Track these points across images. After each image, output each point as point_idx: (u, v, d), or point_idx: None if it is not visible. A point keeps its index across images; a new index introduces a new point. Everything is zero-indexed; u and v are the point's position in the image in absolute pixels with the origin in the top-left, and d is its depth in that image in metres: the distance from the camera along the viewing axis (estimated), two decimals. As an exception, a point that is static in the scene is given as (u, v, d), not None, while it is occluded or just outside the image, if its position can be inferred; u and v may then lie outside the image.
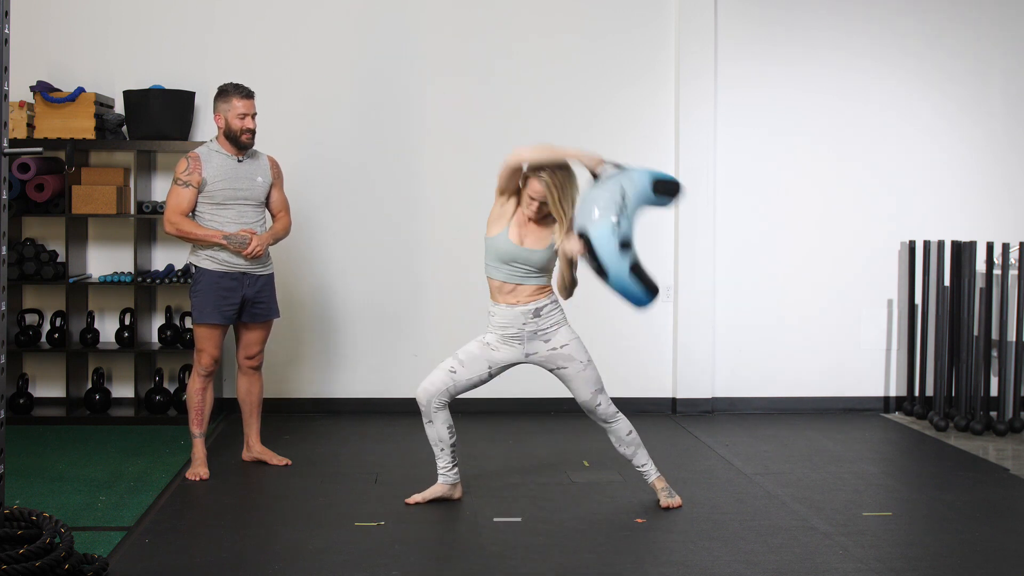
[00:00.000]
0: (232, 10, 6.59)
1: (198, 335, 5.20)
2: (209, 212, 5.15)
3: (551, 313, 4.62)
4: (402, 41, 6.64)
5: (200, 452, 5.22)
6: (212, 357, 5.20)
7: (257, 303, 5.26)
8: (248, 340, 5.34)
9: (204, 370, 5.20)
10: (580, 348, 4.65)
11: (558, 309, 4.66)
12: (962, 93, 6.89)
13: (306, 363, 6.63)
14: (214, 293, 5.14)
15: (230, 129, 5.15)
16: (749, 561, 4.07)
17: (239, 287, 5.18)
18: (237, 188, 5.16)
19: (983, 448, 5.96)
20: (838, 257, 6.86)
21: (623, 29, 6.72)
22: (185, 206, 5.12)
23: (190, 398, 5.24)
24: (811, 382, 6.86)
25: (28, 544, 3.63)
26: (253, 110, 5.19)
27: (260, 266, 5.24)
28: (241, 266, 5.17)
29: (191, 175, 5.12)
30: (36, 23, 6.48)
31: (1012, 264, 6.50)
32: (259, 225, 5.24)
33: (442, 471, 4.78)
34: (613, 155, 6.73)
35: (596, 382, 4.67)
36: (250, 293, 5.21)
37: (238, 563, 4.03)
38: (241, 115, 5.14)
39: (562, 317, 4.66)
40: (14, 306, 6.40)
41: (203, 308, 5.16)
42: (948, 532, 4.46)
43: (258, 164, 5.28)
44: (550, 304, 4.63)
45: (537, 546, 4.22)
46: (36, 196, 6.12)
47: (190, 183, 5.12)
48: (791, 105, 6.80)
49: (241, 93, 5.17)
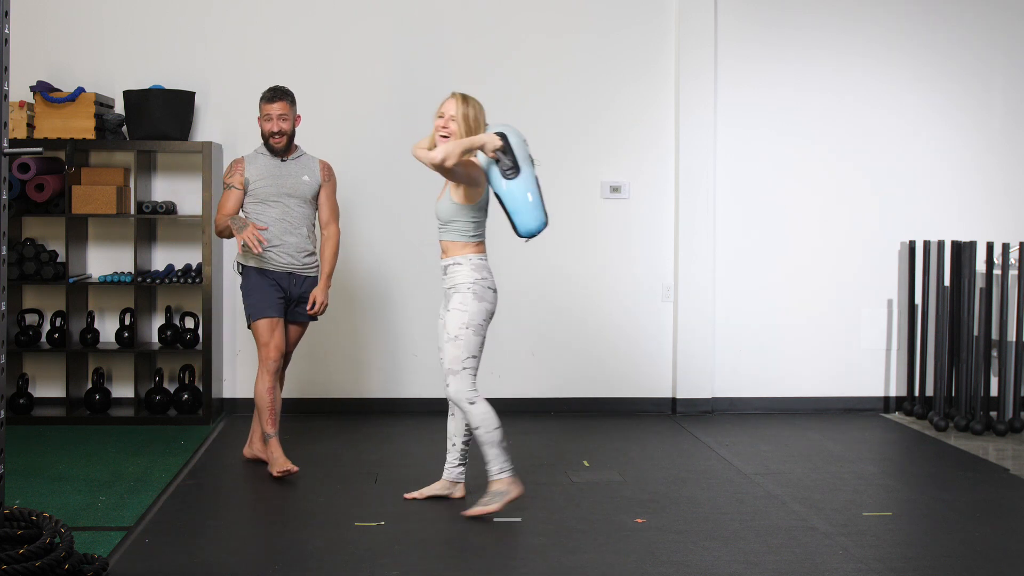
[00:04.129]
0: (232, 10, 6.59)
1: (258, 331, 5.14)
2: (255, 210, 5.17)
3: (454, 274, 4.56)
4: (400, 40, 6.65)
5: (278, 451, 5.13)
6: (279, 350, 5.14)
7: (300, 304, 5.25)
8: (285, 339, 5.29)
9: (272, 364, 5.13)
10: (456, 320, 4.50)
11: (463, 271, 4.54)
12: (962, 93, 6.89)
13: (307, 363, 6.62)
14: (266, 289, 5.13)
15: (261, 133, 5.21)
16: (749, 561, 4.07)
17: (285, 285, 5.18)
18: (280, 184, 5.17)
19: (983, 448, 5.96)
20: (838, 257, 6.86)
21: (623, 28, 6.72)
22: (229, 208, 5.15)
23: (260, 397, 5.14)
24: (811, 382, 6.86)
25: (28, 544, 3.62)
26: (280, 111, 5.15)
27: (307, 266, 5.23)
28: (288, 266, 5.17)
29: (233, 176, 5.18)
30: (36, 23, 6.48)
31: (1012, 264, 6.50)
32: (306, 227, 5.22)
33: (449, 466, 4.81)
34: (614, 154, 6.78)
35: (453, 360, 4.49)
36: (295, 293, 5.21)
37: (238, 563, 4.03)
38: (267, 117, 5.16)
39: (466, 282, 4.52)
40: (14, 306, 6.40)
41: (257, 305, 5.14)
42: (948, 532, 4.46)
43: (304, 164, 5.27)
44: (453, 264, 4.57)
45: (537, 546, 4.22)
46: (36, 196, 6.12)
47: (232, 184, 5.17)
48: (791, 105, 6.80)
49: (268, 97, 5.17)
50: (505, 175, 4.44)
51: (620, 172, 6.75)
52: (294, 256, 5.19)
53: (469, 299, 4.52)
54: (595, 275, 6.75)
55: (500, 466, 4.55)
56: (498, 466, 4.54)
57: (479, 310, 4.52)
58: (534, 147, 6.66)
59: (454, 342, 4.50)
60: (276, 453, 5.12)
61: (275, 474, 5.06)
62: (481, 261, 4.59)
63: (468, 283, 4.53)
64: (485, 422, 4.51)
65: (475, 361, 4.54)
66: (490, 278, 4.60)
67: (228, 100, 6.57)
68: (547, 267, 6.73)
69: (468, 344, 4.50)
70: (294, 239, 5.19)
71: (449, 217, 4.58)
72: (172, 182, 6.60)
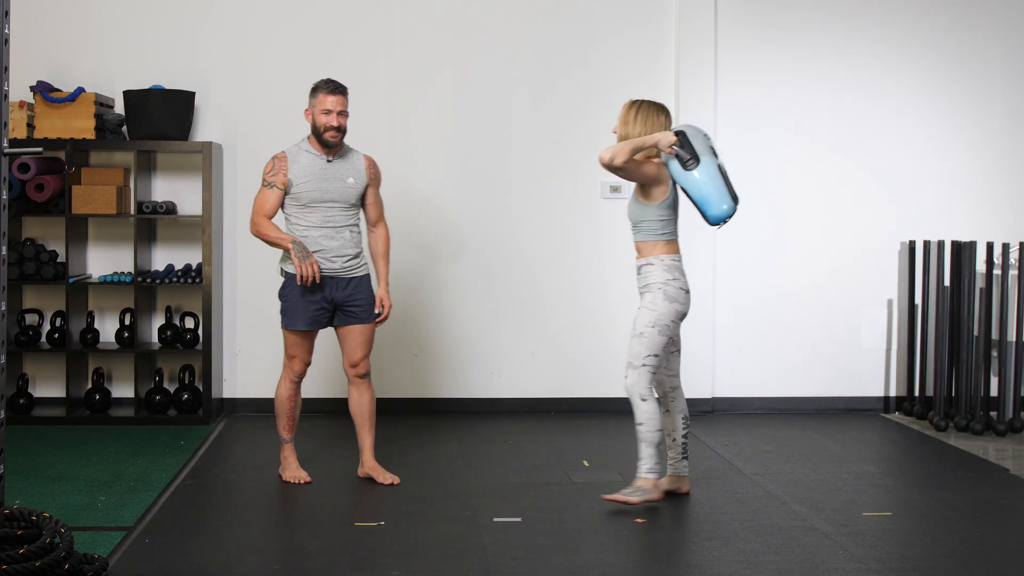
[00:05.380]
0: (232, 10, 6.59)
1: (287, 341, 5.01)
2: (296, 213, 4.96)
3: (647, 274, 4.72)
4: (401, 40, 6.65)
5: (292, 456, 5.11)
6: (304, 363, 5.03)
7: (350, 305, 4.98)
8: (347, 346, 5.05)
9: (295, 376, 5.04)
10: (645, 318, 4.67)
11: (655, 271, 4.70)
12: (963, 93, 6.89)
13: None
14: (301, 298, 4.92)
15: (315, 125, 4.93)
16: (749, 561, 4.07)
17: (328, 291, 4.94)
18: (324, 190, 4.93)
19: (983, 448, 5.96)
20: (838, 257, 6.86)
21: (623, 28, 6.72)
22: (268, 208, 4.93)
23: (280, 403, 5.06)
24: (811, 382, 6.86)
25: (28, 544, 3.63)
26: (341, 107, 4.92)
27: (349, 269, 4.98)
28: (329, 270, 4.92)
29: (276, 175, 4.93)
30: (36, 23, 6.48)
31: (1012, 264, 6.50)
32: (349, 229, 4.99)
33: (671, 461, 4.88)
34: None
35: (635, 356, 4.67)
36: (340, 296, 4.96)
37: (238, 563, 4.03)
38: (326, 111, 4.90)
39: (657, 282, 4.69)
40: (14, 306, 6.40)
41: (289, 313, 4.96)
42: (948, 532, 4.46)
43: (350, 164, 5.02)
44: (646, 265, 4.73)
45: (537, 546, 4.22)
46: (36, 196, 6.12)
47: (275, 184, 4.93)
48: (791, 105, 6.80)
49: (329, 88, 4.94)
50: (685, 167, 4.58)
51: (620, 172, 6.74)
52: (334, 261, 4.95)
53: (659, 299, 4.68)
54: (595, 275, 6.75)
55: (651, 466, 4.68)
56: (648, 465, 4.68)
57: (668, 311, 4.68)
58: (534, 147, 6.73)
59: (639, 338, 4.66)
60: (291, 459, 5.11)
61: (284, 479, 5.05)
62: (673, 262, 4.73)
63: (660, 283, 4.69)
64: (649, 420, 4.67)
65: (656, 360, 4.69)
66: (682, 279, 4.75)
67: (228, 100, 6.57)
68: (547, 267, 6.72)
69: (651, 342, 4.66)
70: (335, 243, 4.94)
71: (637, 217, 4.75)
72: (172, 182, 6.60)
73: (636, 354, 4.67)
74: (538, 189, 6.71)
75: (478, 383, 6.73)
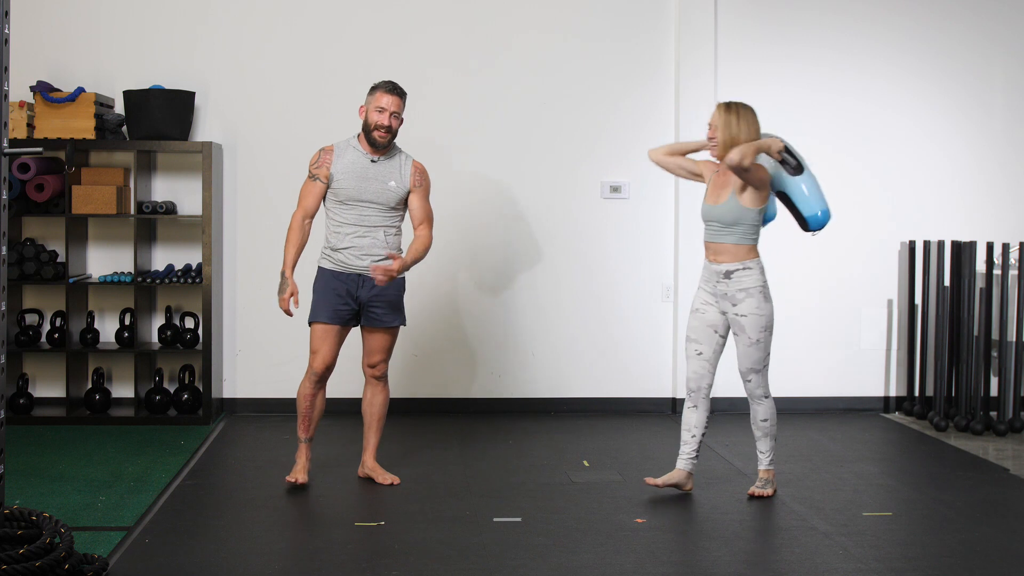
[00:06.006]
0: (232, 10, 6.59)
1: (311, 335, 4.96)
2: (333, 208, 4.94)
3: (743, 278, 4.76)
4: (401, 39, 6.65)
5: (303, 456, 5.03)
6: (324, 360, 4.95)
7: (373, 307, 4.95)
8: (368, 347, 5.04)
9: (315, 374, 4.96)
10: (756, 325, 4.77)
11: (753, 275, 4.77)
12: (963, 93, 6.89)
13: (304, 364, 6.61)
14: (329, 292, 4.91)
15: (367, 122, 4.89)
16: (749, 561, 4.07)
17: (354, 289, 4.92)
18: (363, 189, 4.88)
19: (983, 448, 5.96)
20: (838, 257, 6.86)
21: (623, 28, 6.72)
22: (310, 201, 4.91)
23: (299, 401, 5.01)
24: (811, 382, 6.86)
25: (28, 544, 3.63)
26: (395, 108, 4.88)
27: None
28: (358, 268, 4.90)
29: (320, 168, 4.91)
30: (36, 23, 6.48)
31: (1012, 264, 6.50)
32: (384, 230, 4.94)
33: (686, 456, 4.95)
34: (614, 154, 6.77)
35: (758, 362, 4.81)
36: (365, 296, 4.92)
37: (238, 563, 4.03)
38: (380, 109, 4.86)
39: (756, 285, 4.77)
40: (14, 306, 6.40)
41: (316, 306, 4.94)
42: (948, 532, 4.46)
43: (394, 167, 4.97)
44: (742, 269, 4.77)
45: (537, 546, 4.22)
46: (36, 196, 6.12)
47: (318, 176, 4.90)
48: (791, 104, 6.79)
49: (388, 88, 4.91)
50: (792, 172, 4.79)
51: (620, 172, 6.75)
52: (363, 259, 4.89)
53: (763, 302, 4.79)
54: (595, 275, 6.75)
55: (772, 458, 4.96)
56: (770, 458, 4.95)
57: (770, 311, 4.81)
58: (534, 146, 6.73)
59: (756, 346, 4.80)
60: (298, 459, 5.04)
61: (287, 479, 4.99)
62: (762, 264, 4.85)
63: (759, 286, 4.79)
64: (773, 416, 4.91)
65: (769, 358, 4.88)
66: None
67: (228, 100, 6.57)
68: (547, 267, 6.72)
69: (766, 344, 4.83)
70: (367, 241, 4.90)
71: (734, 220, 4.78)
72: (172, 182, 6.60)
73: (758, 360, 4.81)
74: (538, 189, 6.71)
75: (478, 383, 6.74)
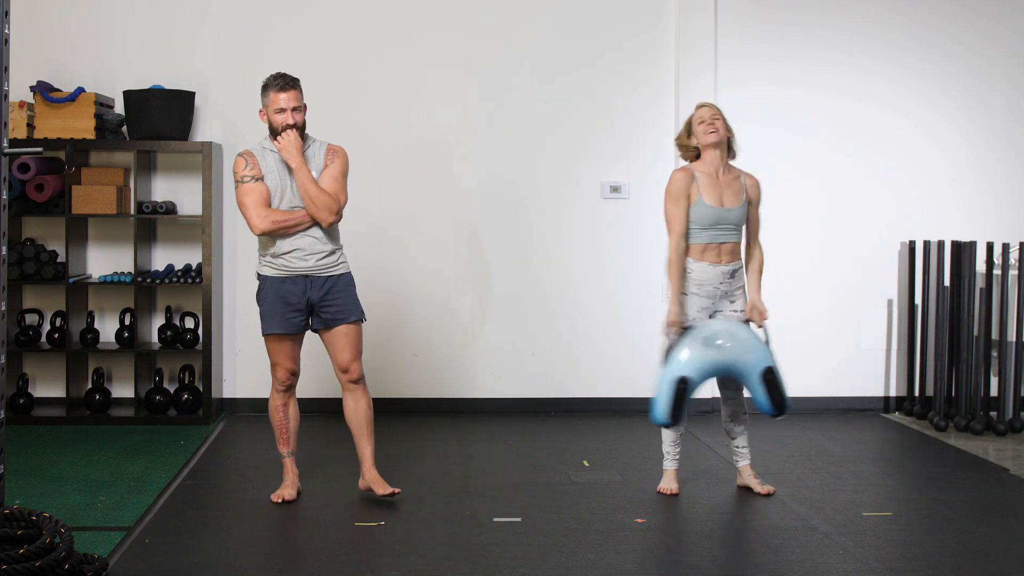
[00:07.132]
0: (232, 10, 6.59)
1: (268, 348, 4.76)
2: None
3: (740, 275, 4.94)
4: (401, 39, 6.65)
5: (289, 472, 4.83)
6: (287, 370, 4.75)
7: (326, 306, 4.69)
8: (332, 350, 4.77)
9: (280, 384, 4.79)
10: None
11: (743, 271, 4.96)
12: (963, 93, 6.89)
13: (304, 364, 6.61)
14: (277, 301, 4.67)
15: (271, 126, 4.66)
16: (749, 561, 4.07)
17: (303, 292, 4.67)
18: (286, 187, 4.64)
19: (983, 448, 5.96)
20: (838, 257, 6.86)
21: (623, 27, 6.72)
22: (267, 196, 4.61)
23: (272, 416, 4.84)
24: (811, 382, 6.85)
25: (28, 544, 3.63)
26: (294, 103, 4.61)
27: (324, 267, 4.70)
28: (302, 269, 4.66)
29: (253, 169, 4.63)
30: (36, 23, 6.48)
31: (1012, 264, 6.50)
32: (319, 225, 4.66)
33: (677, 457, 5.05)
34: (613, 154, 6.77)
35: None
36: (315, 296, 4.67)
37: (238, 563, 4.03)
38: (279, 110, 4.62)
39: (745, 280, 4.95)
40: (14, 306, 6.40)
41: (266, 318, 4.70)
42: (948, 532, 4.46)
43: (313, 159, 4.70)
44: (740, 267, 4.95)
45: (537, 546, 4.22)
46: (36, 196, 6.12)
47: (257, 176, 4.63)
48: (791, 104, 6.80)
49: (278, 86, 4.64)
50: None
51: (620, 172, 6.75)
52: (307, 259, 4.65)
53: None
54: (595, 275, 6.75)
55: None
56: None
57: None
58: (534, 147, 6.72)
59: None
60: (286, 475, 4.86)
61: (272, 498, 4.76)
62: None
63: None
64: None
65: None
66: None
67: (228, 100, 6.57)
68: (547, 267, 6.72)
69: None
70: (307, 241, 4.65)
71: (741, 220, 4.93)
72: (172, 182, 6.60)
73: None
74: (538, 189, 6.71)
75: (478, 383, 6.73)
